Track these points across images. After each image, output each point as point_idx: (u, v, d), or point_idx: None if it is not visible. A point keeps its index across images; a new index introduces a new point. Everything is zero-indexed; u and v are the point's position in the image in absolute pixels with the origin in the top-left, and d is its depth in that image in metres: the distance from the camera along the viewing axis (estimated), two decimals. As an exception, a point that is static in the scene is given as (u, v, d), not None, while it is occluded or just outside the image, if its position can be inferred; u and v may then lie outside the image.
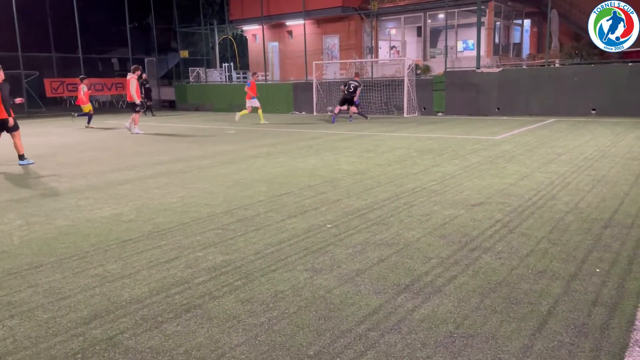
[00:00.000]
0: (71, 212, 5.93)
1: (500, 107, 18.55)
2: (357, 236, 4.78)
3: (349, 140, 12.49)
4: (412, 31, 25.68)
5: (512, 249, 4.32)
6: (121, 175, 8.35)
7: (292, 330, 3.02)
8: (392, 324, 3.06)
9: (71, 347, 2.87)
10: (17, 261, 4.30)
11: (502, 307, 3.26)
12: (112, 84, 28.09)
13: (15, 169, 9.31)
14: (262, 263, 4.14)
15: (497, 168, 8.08)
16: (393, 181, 7.27)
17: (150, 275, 3.91)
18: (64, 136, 15.39)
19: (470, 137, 12.45)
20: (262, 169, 8.58)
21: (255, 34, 29.40)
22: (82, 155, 10.98)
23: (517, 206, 5.71)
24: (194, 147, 11.87)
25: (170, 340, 2.93)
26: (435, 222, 5.18)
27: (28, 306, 3.42)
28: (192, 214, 5.72)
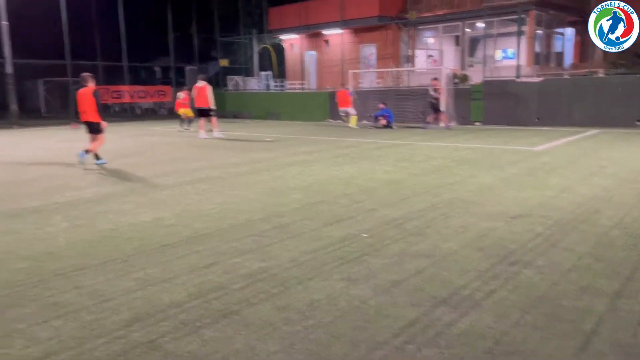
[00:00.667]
0: (114, 216, 6.11)
1: (540, 117, 18.13)
2: (394, 246, 4.75)
3: (385, 149, 12.44)
4: (450, 40, 25.43)
5: (553, 264, 4.21)
6: (161, 180, 8.56)
7: (328, 340, 3.02)
8: (430, 337, 3.03)
9: (114, 349, 2.95)
10: (63, 262, 4.46)
11: (543, 323, 3.18)
12: (154, 91, 28.85)
13: (59, 172, 9.66)
14: (298, 271, 4.17)
15: (537, 180, 7.90)
16: (429, 191, 7.20)
17: (189, 280, 3.99)
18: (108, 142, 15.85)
19: (508, 147, 12.21)
20: (298, 177, 8.64)
21: (292, 43, 29.71)
22: (124, 160, 11.31)
23: (558, 219, 5.57)
24: (232, 154, 12.05)
25: (208, 345, 2.98)
26: (472, 234, 5.10)
27: (73, 307, 3.54)
28: (230, 220, 5.81)
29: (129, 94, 27.30)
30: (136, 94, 27.88)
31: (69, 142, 15.76)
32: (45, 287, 3.89)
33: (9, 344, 3.03)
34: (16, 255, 4.70)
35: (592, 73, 18.32)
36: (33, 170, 10.11)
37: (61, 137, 17.65)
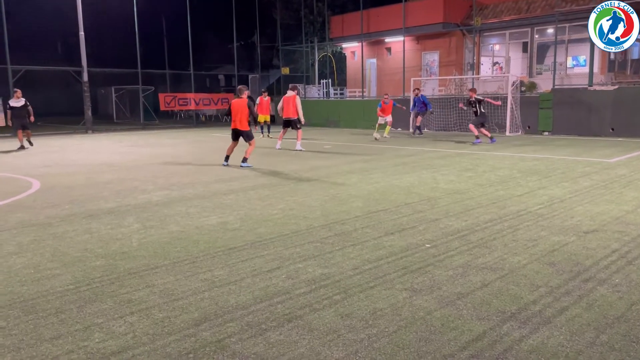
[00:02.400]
0: (182, 219, 6.35)
1: (615, 127, 17.20)
2: (458, 258, 4.65)
3: (447, 158, 12.20)
4: (518, 47, 24.64)
5: (631, 282, 3.98)
6: (225, 185, 8.80)
7: (392, 350, 3.00)
8: (498, 352, 2.94)
9: (184, 347, 3.06)
10: (136, 262, 4.68)
11: (621, 344, 3.01)
12: (218, 99, 29.75)
13: (131, 176, 10.14)
14: (361, 279, 4.16)
15: (612, 193, 7.49)
16: (495, 203, 6.99)
17: (254, 283, 4.08)
18: (175, 147, 16.54)
19: (580, 158, 11.66)
20: (358, 185, 8.63)
21: (354, 51, 29.81)
22: (190, 165, 11.72)
23: (636, 236, 5.25)
24: (292, 161, 12.21)
25: (274, 348, 3.03)
26: (542, 248, 4.90)
27: (146, 304, 3.70)
28: (292, 226, 5.89)
29: (195, 101, 28.29)
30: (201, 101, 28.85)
31: (138, 147, 16.53)
32: (121, 285, 4.10)
33: (88, 337, 3.21)
34: (93, 253, 4.98)
35: (672, 81, 17.20)
36: (107, 173, 10.68)
37: (131, 142, 18.54)
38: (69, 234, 5.73)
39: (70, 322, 3.42)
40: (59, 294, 3.92)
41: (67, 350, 3.04)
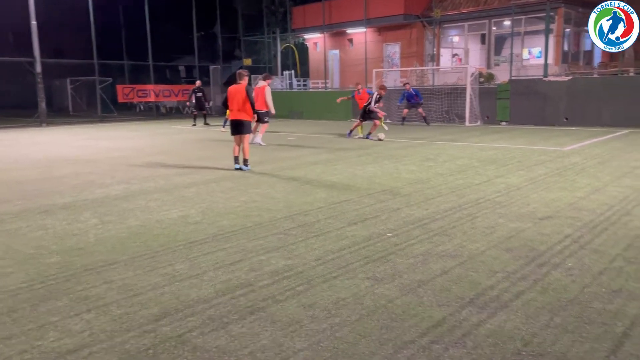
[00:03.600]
0: (141, 213, 6.21)
1: (569, 117, 17.79)
2: (419, 246, 4.73)
3: (409, 148, 12.36)
4: (476, 38, 25.11)
5: (583, 266, 4.14)
6: (187, 178, 8.66)
7: (354, 338, 3.02)
8: (457, 337, 3.00)
9: (143, 343, 3.00)
10: (93, 258, 4.56)
11: (573, 326, 3.13)
12: (178, 90, 29.19)
13: (87, 170, 9.86)
14: (324, 269, 4.17)
15: (566, 181, 7.75)
16: (455, 191, 7.13)
17: (216, 277, 4.04)
18: (134, 140, 16.15)
19: (536, 147, 12.01)
20: (322, 176, 8.65)
21: (316, 42, 29.73)
22: (150, 158, 11.47)
23: (588, 221, 5.46)
24: (256, 153, 12.11)
25: (236, 341, 3.01)
26: (500, 235, 5.03)
27: (103, 301, 3.61)
28: (255, 219, 5.85)
29: (154, 92, 27.68)
30: (161, 93, 28.25)
31: (95, 140, 16.07)
32: (77, 282, 3.98)
33: (42, 336, 3.11)
34: (48, 250, 4.82)
35: (622, 72, 17.89)
36: (62, 167, 10.34)
37: (88, 135, 18.00)
38: (22, 230, 5.53)
39: (23, 322, 3.31)
40: (11, 293, 3.78)
41: (20, 350, 2.94)
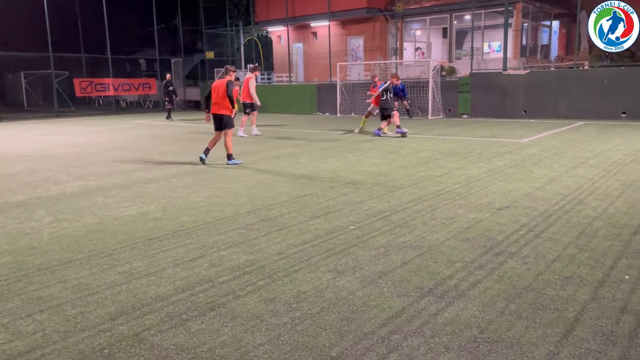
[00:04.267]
0: (99, 210, 6.05)
1: (527, 109, 18.27)
2: (380, 238, 4.77)
3: (372, 141, 12.45)
4: (438, 32, 25.46)
5: (538, 254, 4.26)
6: (147, 174, 8.49)
7: (314, 331, 3.02)
8: (415, 327, 3.05)
9: (98, 342, 2.93)
10: (47, 257, 4.41)
11: (527, 312, 3.21)
12: (139, 84, 28.54)
13: (42, 166, 9.54)
14: (285, 263, 4.16)
15: (523, 172, 7.96)
16: (417, 184, 7.22)
17: (176, 274, 3.97)
18: (92, 135, 15.71)
19: (495, 140, 12.29)
20: (285, 170, 8.62)
21: (280, 35, 29.54)
22: (109, 154, 11.19)
23: (543, 210, 5.62)
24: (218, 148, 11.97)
25: (195, 338, 2.97)
26: (459, 225, 5.13)
27: (57, 301, 3.50)
28: (217, 214, 5.78)
29: (113, 86, 26.97)
30: (121, 87, 27.55)
31: (51, 136, 15.57)
32: (29, 282, 3.85)
33: (-9, 339, 3.00)
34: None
35: (578, 66, 18.48)
36: (15, 164, 9.96)
37: (44, 130, 17.41)
38: (-29, 230, 5.30)
39: (-29, 325, 3.17)
40: (-42, 296, 3.62)
41: (-33, 355, 2.82)
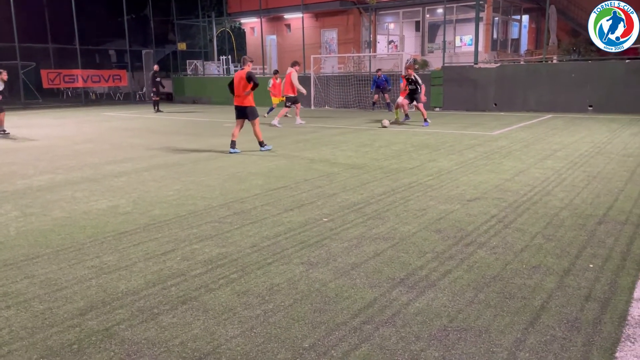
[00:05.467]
0: (67, 204, 5.93)
1: (498, 102, 18.57)
2: (353, 230, 4.80)
3: (346, 134, 12.49)
4: (411, 26, 25.63)
5: (506, 244, 4.35)
6: (117, 167, 8.34)
7: (287, 323, 3.04)
8: (387, 317, 3.09)
9: (67, 338, 2.88)
10: (14, 252, 4.31)
11: (496, 301, 3.29)
12: (109, 75, 27.97)
13: (8, 160, 9.28)
14: (258, 256, 4.16)
15: (493, 164, 8.10)
16: (389, 176, 7.28)
17: (147, 267, 3.93)
18: (60, 128, 15.35)
19: (467, 132, 12.47)
20: (259, 163, 8.58)
21: (253, 27, 29.29)
22: (78, 147, 10.95)
23: (512, 202, 5.74)
24: (191, 140, 11.85)
25: (166, 331, 2.95)
26: (430, 216, 5.20)
27: (24, 297, 3.43)
28: (189, 207, 5.73)
29: (82, 78, 26.35)
30: (90, 78, 26.94)
31: (17, 129, 15.15)
32: (-6, 278, 3.75)
33: (-45, 337, 2.92)
34: (-38, 245, 4.50)
35: (546, 59, 18.86)
36: (-20, 157, 9.67)
37: (10, 123, 16.90)
38: None
39: None
40: None
41: None
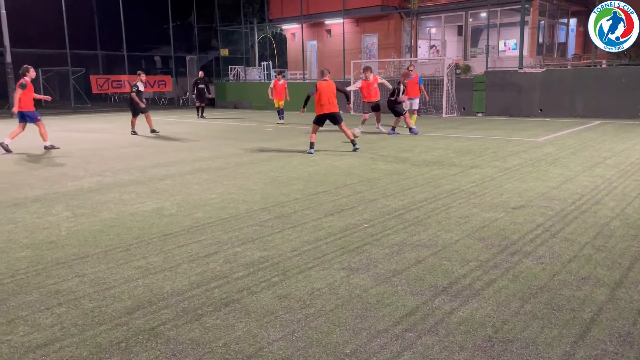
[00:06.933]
0: (115, 206, 6.12)
1: (543, 108, 18.08)
2: (394, 236, 4.76)
3: (386, 140, 12.41)
4: (453, 30, 25.29)
5: (554, 254, 4.22)
6: (162, 170, 8.56)
7: (328, 328, 3.04)
8: (430, 325, 3.04)
9: (115, 336, 2.97)
10: (65, 251, 4.48)
11: (543, 313, 3.19)
12: (154, 81, 28.75)
13: (60, 162, 9.66)
14: (299, 260, 4.18)
15: (539, 171, 7.89)
16: (430, 182, 7.19)
17: (191, 269, 4.01)
18: (108, 132, 15.88)
19: (511, 138, 12.18)
20: (299, 167, 8.63)
21: (294, 32, 29.57)
22: (125, 150, 11.30)
23: (559, 210, 5.57)
24: (233, 144, 12.04)
25: (210, 332, 3.00)
26: (474, 224, 5.10)
27: (75, 295, 3.55)
28: (231, 210, 5.81)
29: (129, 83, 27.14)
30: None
31: (68, 132, 15.76)
32: (48, 275, 3.91)
33: (12, 331, 3.05)
34: (18, 244, 4.71)
35: (595, 64, 18.24)
36: (33, 159, 10.11)
37: (61, 126, 17.62)
38: (-10, 224, 5.40)
39: (-9, 317, 3.24)
40: (-21, 288, 3.69)
41: (-12, 346, 2.88)
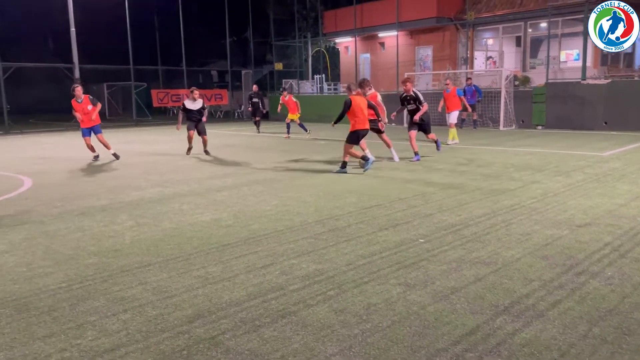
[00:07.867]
0: (175, 216, 6.32)
1: (608, 121, 17.27)
2: (452, 253, 4.66)
3: (442, 153, 12.21)
4: (511, 41, 24.66)
5: (623, 275, 4.00)
6: (219, 182, 8.78)
7: (386, 345, 3.00)
8: (491, 346, 2.95)
9: (178, 344, 3.05)
10: (129, 259, 4.66)
11: (613, 337, 3.03)
12: (211, 94, 29.63)
13: (123, 173, 10.09)
14: (354, 274, 4.16)
15: (605, 187, 7.52)
16: (489, 197, 7.00)
17: (248, 280, 4.07)
18: (168, 144, 16.46)
19: (574, 152, 11.70)
20: (352, 180, 8.63)
21: (347, 45, 29.75)
22: (184, 162, 11.68)
23: (628, 229, 5.28)
24: (287, 157, 12.19)
25: (268, 344, 3.03)
26: (536, 242, 4.92)
27: (139, 302, 3.69)
28: (286, 222, 5.87)
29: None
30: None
31: (130, 144, 16.45)
32: (114, 282, 4.08)
33: (81, 335, 3.20)
34: (86, 251, 4.95)
35: (664, 74, 17.29)
36: (99, 170, 10.62)
37: (123, 139, 18.44)
38: (61, 231, 5.70)
39: (62, 320, 3.41)
40: (51, 292, 3.90)
41: (60, 349, 3.03)
